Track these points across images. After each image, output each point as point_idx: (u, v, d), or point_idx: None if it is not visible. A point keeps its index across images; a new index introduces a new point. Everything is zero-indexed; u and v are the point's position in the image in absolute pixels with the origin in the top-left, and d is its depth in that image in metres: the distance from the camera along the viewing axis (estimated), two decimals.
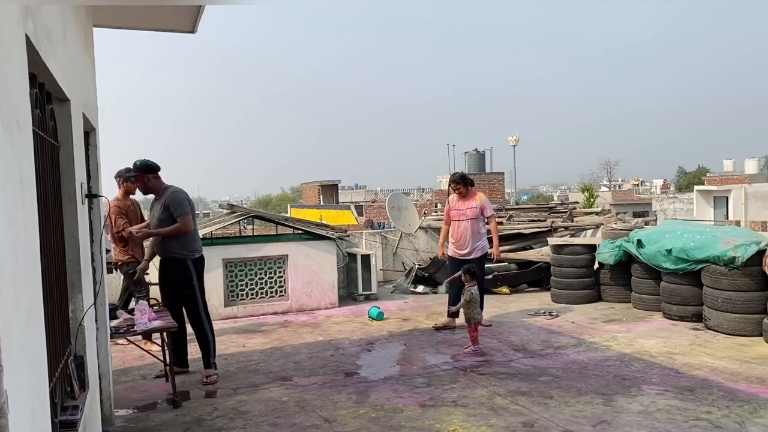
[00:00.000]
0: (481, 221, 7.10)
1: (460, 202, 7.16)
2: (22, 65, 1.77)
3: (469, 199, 7.13)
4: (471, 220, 7.03)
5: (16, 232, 1.56)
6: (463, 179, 7.24)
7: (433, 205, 19.76)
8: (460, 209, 7.11)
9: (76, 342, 3.00)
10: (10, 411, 1.31)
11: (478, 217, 7.05)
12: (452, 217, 7.21)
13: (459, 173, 7.45)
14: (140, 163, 5.40)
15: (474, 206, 7.07)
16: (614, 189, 57.32)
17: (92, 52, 4.34)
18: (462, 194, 7.17)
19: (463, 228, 7.05)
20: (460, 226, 7.08)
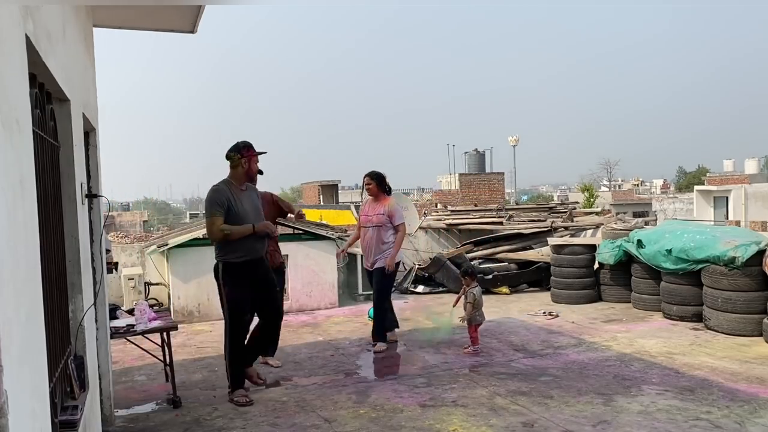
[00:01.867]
0: (390, 230, 6.25)
1: (370, 206, 6.39)
2: (22, 65, 1.77)
3: (379, 204, 6.31)
4: (377, 227, 6.23)
5: (16, 232, 1.56)
6: (379, 178, 6.39)
7: (433, 205, 19.75)
8: (368, 215, 6.34)
9: (76, 342, 3.00)
10: (10, 411, 1.31)
11: (385, 224, 6.23)
12: (360, 224, 6.49)
13: (378, 171, 6.49)
14: None
15: (381, 212, 6.24)
16: (614, 189, 57.28)
17: (92, 52, 4.34)
18: (374, 196, 6.38)
19: (368, 236, 6.29)
20: (366, 233, 6.31)
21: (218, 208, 4.60)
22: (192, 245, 8.14)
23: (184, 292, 8.01)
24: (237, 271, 4.68)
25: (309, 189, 41.58)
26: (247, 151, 4.78)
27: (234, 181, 4.78)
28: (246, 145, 4.81)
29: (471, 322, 6.10)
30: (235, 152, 4.77)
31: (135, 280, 8.39)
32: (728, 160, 48.31)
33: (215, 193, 4.67)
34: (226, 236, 4.59)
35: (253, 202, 4.84)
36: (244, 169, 4.77)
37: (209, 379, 5.46)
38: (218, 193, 4.66)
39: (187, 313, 8.00)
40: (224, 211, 4.61)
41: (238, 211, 4.66)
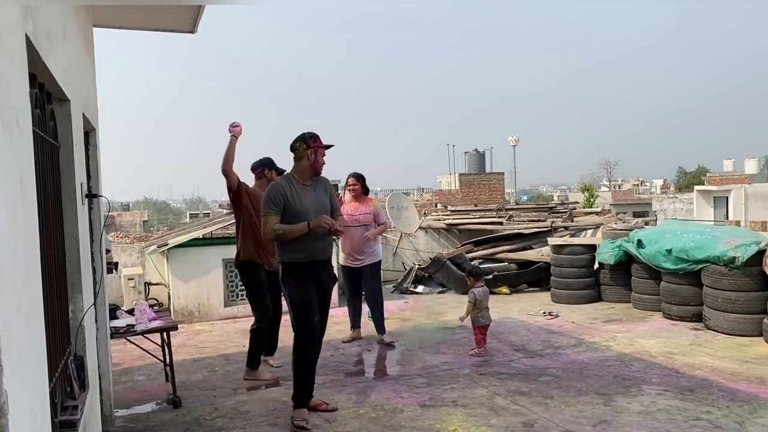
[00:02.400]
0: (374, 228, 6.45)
1: (353, 206, 6.49)
2: (22, 65, 1.77)
3: (363, 204, 6.50)
4: (364, 225, 6.40)
5: (16, 232, 1.56)
6: (363, 179, 6.57)
7: (433, 205, 19.75)
8: (353, 214, 6.39)
9: (76, 342, 3.00)
10: (10, 411, 1.31)
11: (371, 223, 6.43)
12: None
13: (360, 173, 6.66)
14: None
15: (368, 212, 6.44)
16: (614, 189, 57.27)
17: (92, 52, 4.34)
18: (356, 196, 6.51)
19: (357, 235, 6.37)
20: (354, 232, 6.36)
21: (272, 207, 4.19)
22: (192, 245, 8.15)
23: (184, 292, 8.01)
24: (297, 272, 4.27)
25: None
26: (314, 142, 4.32)
27: (297, 175, 4.35)
28: (313, 135, 4.35)
29: (474, 324, 6.03)
30: (300, 142, 4.30)
31: (135, 280, 8.39)
32: (728, 160, 48.32)
33: (271, 189, 4.28)
34: (280, 237, 4.19)
35: (318, 197, 4.36)
36: (309, 161, 4.31)
37: (209, 379, 5.46)
38: (274, 190, 4.25)
39: (187, 313, 8.00)
40: (280, 209, 4.19)
41: (296, 208, 4.23)
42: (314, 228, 4.18)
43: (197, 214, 42.88)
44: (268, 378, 5.36)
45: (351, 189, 6.52)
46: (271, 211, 4.19)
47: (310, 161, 4.33)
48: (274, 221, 4.18)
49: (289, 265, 4.29)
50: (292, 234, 4.18)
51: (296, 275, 4.27)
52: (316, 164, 4.36)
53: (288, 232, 4.17)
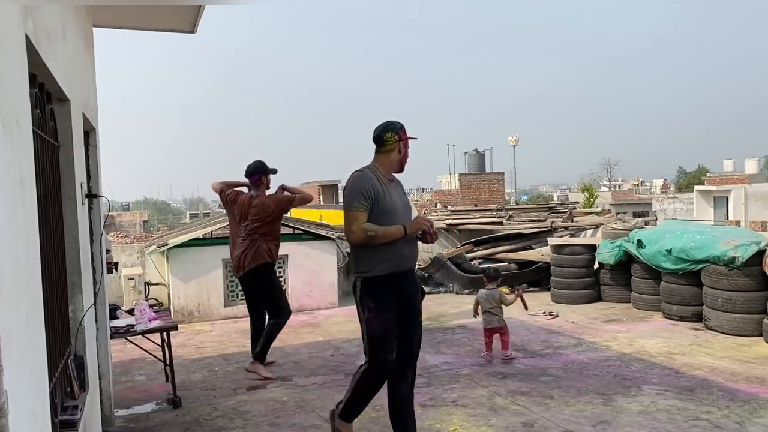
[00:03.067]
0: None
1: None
2: (22, 65, 1.77)
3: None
4: None
5: (16, 232, 1.56)
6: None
7: (433, 205, 19.75)
8: None
9: (76, 342, 3.00)
10: (10, 411, 1.31)
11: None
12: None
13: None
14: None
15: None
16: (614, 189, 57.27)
17: (92, 52, 4.34)
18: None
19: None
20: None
21: (362, 201, 3.45)
22: (192, 245, 8.15)
23: (184, 292, 8.01)
24: (381, 290, 3.50)
25: (309, 189, 41.63)
26: (405, 133, 3.69)
27: (382, 168, 3.66)
28: (402, 126, 3.73)
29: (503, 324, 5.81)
30: (392, 133, 3.65)
31: (135, 280, 8.39)
32: (728, 160, 48.31)
33: (360, 179, 3.53)
34: (370, 239, 3.43)
35: (401, 196, 3.77)
36: (399, 155, 3.68)
37: (209, 379, 5.46)
38: (363, 180, 3.51)
39: (187, 313, 8.00)
40: (369, 204, 3.47)
41: (386, 205, 3.52)
42: (412, 232, 3.54)
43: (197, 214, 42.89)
44: (268, 375, 5.39)
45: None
46: (360, 206, 3.45)
47: (400, 155, 3.68)
48: (364, 218, 3.45)
49: (369, 281, 3.51)
50: (385, 238, 3.45)
51: (379, 295, 3.50)
52: (405, 159, 3.73)
53: (380, 235, 3.43)
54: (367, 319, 3.52)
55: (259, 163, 5.60)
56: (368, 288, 3.52)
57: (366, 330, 3.55)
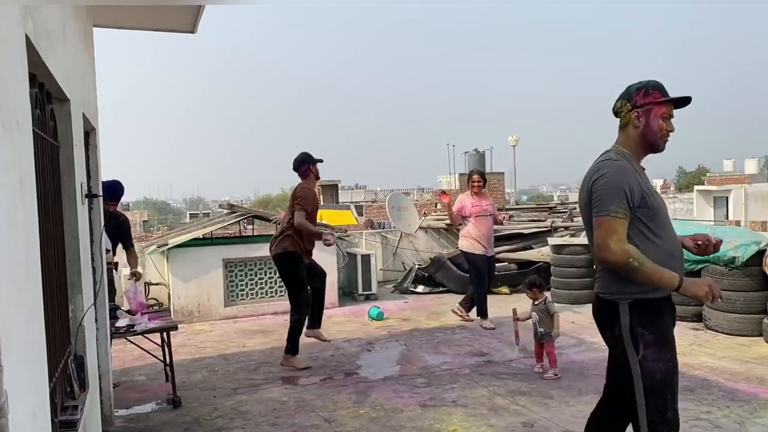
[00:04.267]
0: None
1: (477, 199, 7.22)
2: (22, 65, 1.77)
3: (485, 198, 7.32)
4: (492, 216, 7.23)
5: (16, 232, 1.56)
6: (485, 176, 7.46)
7: (433, 205, 19.74)
8: (482, 206, 7.17)
9: (76, 342, 3.00)
10: (10, 411, 1.31)
11: (493, 214, 7.29)
12: (477, 213, 7.16)
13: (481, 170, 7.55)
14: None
15: (491, 203, 7.37)
16: None
17: (92, 52, 4.34)
18: (479, 191, 7.25)
19: (489, 224, 7.19)
20: (487, 222, 7.16)
21: (623, 205, 2.48)
22: (192, 245, 8.15)
23: (184, 292, 8.01)
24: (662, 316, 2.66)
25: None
26: (645, 96, 2.63)
27: (630, 151, 2.66)
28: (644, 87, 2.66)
29: (553, 339, 5.32)
30: (623, 100, 2.69)
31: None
32: (728, 160, 48.29)
33: (621, 172, 2.53)
34: (630, 271, 2.47)
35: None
36: (637, 129, 2.65)
37: (209, 379, 5.46)
38: (626, 174, 2.53)
39: (187, 313, 8.00)
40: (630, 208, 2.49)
41: (656, 206, 2.58)
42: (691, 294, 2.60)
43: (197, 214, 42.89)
44: (303, 366, 5.58)
45: (477, 185, 7.20)
46: (621, 211, 2.47)
47: (638, 129, 2.64)
48: (624, 231, 2.48)
49: (645, 305, 2.56)
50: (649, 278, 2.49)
51: (659, 324, 2.61)
52: (652, 134, 2.63)
53: (646, 273, 2.47)
54: (642, 359, 2.54)
55: (305, 154, 5.82)
56: (644, 314, 2.55)
57: (641, 374, 2.53)
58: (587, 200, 2.61)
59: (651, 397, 2.51)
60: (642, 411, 2.52)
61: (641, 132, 2.64)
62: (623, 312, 2.56)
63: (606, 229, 2.47)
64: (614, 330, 2.62)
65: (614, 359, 2.71)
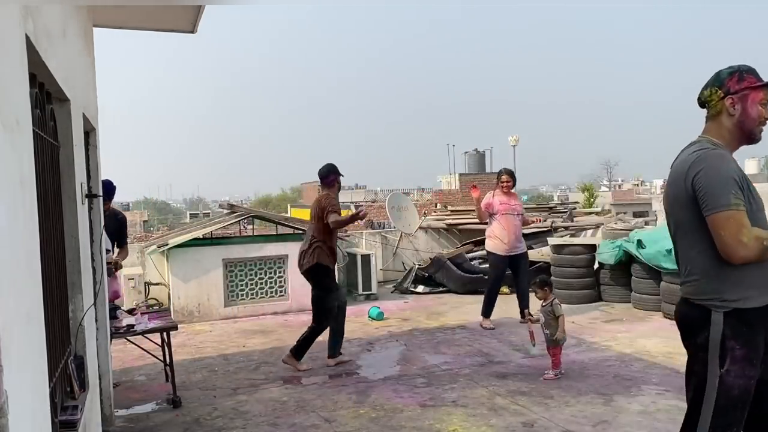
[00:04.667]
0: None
1: (506, 197, 7.12)
2: (22, 65, 1.77)
3: (513, 197, 7.23)
4: (520, 215, 7.12)
5: (16, 232, 1.56)
6: (515, 175, 7.34)
7: (433, 205, 19.75)
8: (510, 204, 7.07)
9: (76, 342, 3.00)
10: (10, 411, 1.31)
11: (522, 214, 7.18)
12: (503, 212, 7.05)
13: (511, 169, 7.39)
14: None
15: (520, 203, 7.27)
16: (614, 189, 57.30)
17: (92, 52, 4.34)
18: (508, 190, 7.16)
19: (516, 224, 7.07)
20: (514, 221, 7.04)
21: (738, 194, 2.28)
22: (192, 245, 8.15)
23: (184, 292, 8.01)
24: (755, 328, 2.32)
25: (309, 189, 41.64)
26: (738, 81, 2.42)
27: (723, 142, 2.46)
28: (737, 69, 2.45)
29: (558, 342, 5.23)
30: (712, 86, 2.48)
31: (135, 280, 8.39)
32: None
33: (723, 160, 2.34)
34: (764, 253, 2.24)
35: None
36: (732, 117, 2.44)
37: (209, 379, 5.46)
38: (728, 162, 2.35)
39: (187, 313, 8.00)
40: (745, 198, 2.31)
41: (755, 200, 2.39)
42: None
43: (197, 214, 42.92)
44: (305, 368, 5.61)
45: (507, 184, 7.11)
46: (740, 201, 2.27)
47: (733, 117, 2.43)
48: (747, 221, 2.26)
49: (740, 316, 2.31)
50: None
51: (752, 338, 2.31)
52: (748, 119, 2.42)
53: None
54: (725, 373, 2.29)
55: (332, 165, 5.88)
56: (738, 326, 2.29)
57: (718, 389, 2.30)
58: (687, 197, 2.35)
59: (720, 416, 2.30)
60: (704, 427, 2.32)
61: (737, 120, 2.42)
62: (716, 321, 2.32)
63: (732, 226, 2.22)
64: (699, 338, 2.38)
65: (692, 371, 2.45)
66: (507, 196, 7.12)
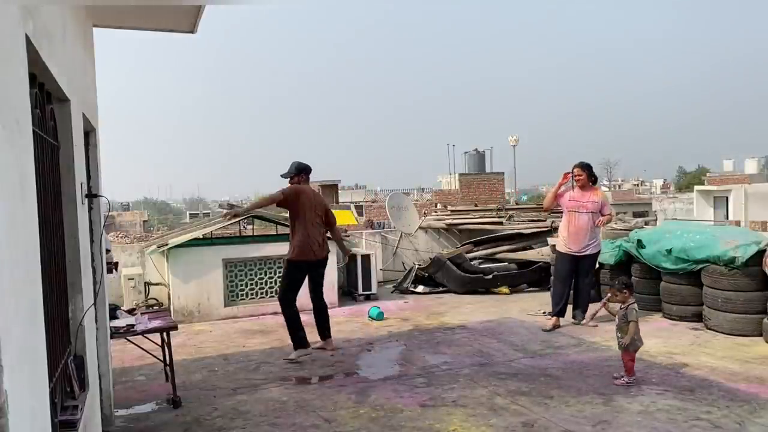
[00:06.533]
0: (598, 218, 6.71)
1: (579, 193, 6.78)
2: (22, 65, 1.77)
3: (590, 193, 6.79)
4: (591, 213, 6.69)
5: (16, 232, 1.56)
6: (589, 169, 6.85)
7: (433, 205, 19.76)
8: (579, 201, 6.72)
9: (76, 342, 3.00)
10: (10, 411, 1.31)
11: (597, 212, 6.70)
12: (569, 208, 6.77)
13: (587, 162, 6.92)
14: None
15: (595, 200, 6.75)
16: (614, 189, 57.32)
17: (92, 52, 4.34)
18: (583, 185, 6.78)
19: (583, 222, 6.71)
20: (581, 219, 6.71)
21: None
22: (192, 245, 8.15)
23: (184, 292, 8.01)
24: None
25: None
26: None
27: None
28: None
29: (630, 348, 4.99)
30: None
31: (135, 280, 8.39)
32: (728, 160, 48.38)
33: None
34: None
35: None
36: None
37: (209, 379, 5.46)
38: None
39: (187, 313, 8.00)
40: None
41: None
42: None
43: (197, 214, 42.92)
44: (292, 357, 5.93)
45: (577, 179, 6.78)
46: None
47: None
48: None
49: None
50: None
51: None
52: None
53: None
54: None
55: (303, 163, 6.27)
56: None
57: None
58: None
59: None
60: None
61: None
62: None
63: None
64: None
65: None
66: (582, 191, 6.75)
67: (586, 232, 6.73)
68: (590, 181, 6.83)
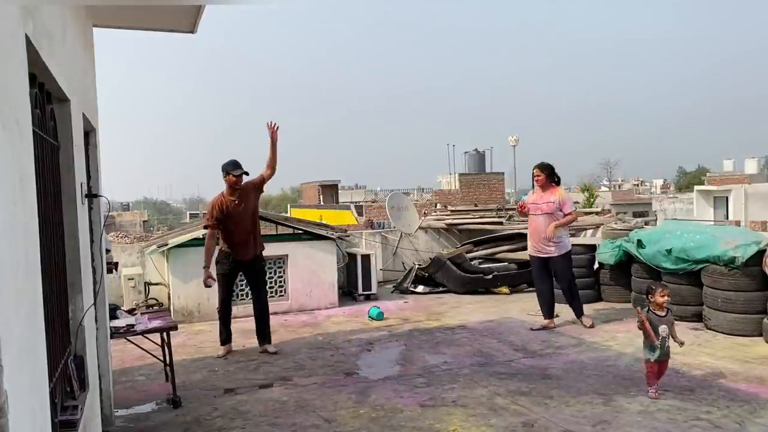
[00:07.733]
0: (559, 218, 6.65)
1: (539, 194, 6.81)
2: (22, 65, 1.77)
3: (548, 193, 6.74)
4: (546, 214, 6.65)
5: (16, 232, 1.56)
6: (548, 169, 6.82)
7: (433, 205, 19.77)
8: (537, 203, 6.77)
9: (76, 342, 3.00)
10: (10, 411, 1.32)
11: (554, 212, 6.64)
12: (530, 210, 6.81)
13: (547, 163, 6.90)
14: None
15: (551, 201, 6.66)
16: (614, 189, 57.34)
17: (92, 52, 4.34)
18: (542, 186, 6.80)
19: (538, 223, 6.72)
20: (536, 220, 6.74)
21: None
22: (192, 245, 8.14)
23: (184, 292, 8.01)
24: None
25: (309, 189, 41.66)
26: None
27: None
28: None
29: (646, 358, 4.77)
30: None
31: (135, 280, 8.39)
32: (728, 160, 48.39)
33: None
34: None
35: None
36: None
37: (209, 379, 5.46)
38: None
39: (187, 313, 8.00)
40: None
41: None
42: None
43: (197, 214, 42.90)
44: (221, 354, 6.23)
45: (536, 179, 6.86)
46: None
47: None
48: None
49: None
50: None
51: None
52: None
53: None
54: None
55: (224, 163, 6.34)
56: None
57: None
58: None
59: None
60: None
61: None
62: None
63: None
64: None
65: None
66: (542, 191, 6.77)
67: (540, 233, 6.73)
68: (552, 181, 6.83)
